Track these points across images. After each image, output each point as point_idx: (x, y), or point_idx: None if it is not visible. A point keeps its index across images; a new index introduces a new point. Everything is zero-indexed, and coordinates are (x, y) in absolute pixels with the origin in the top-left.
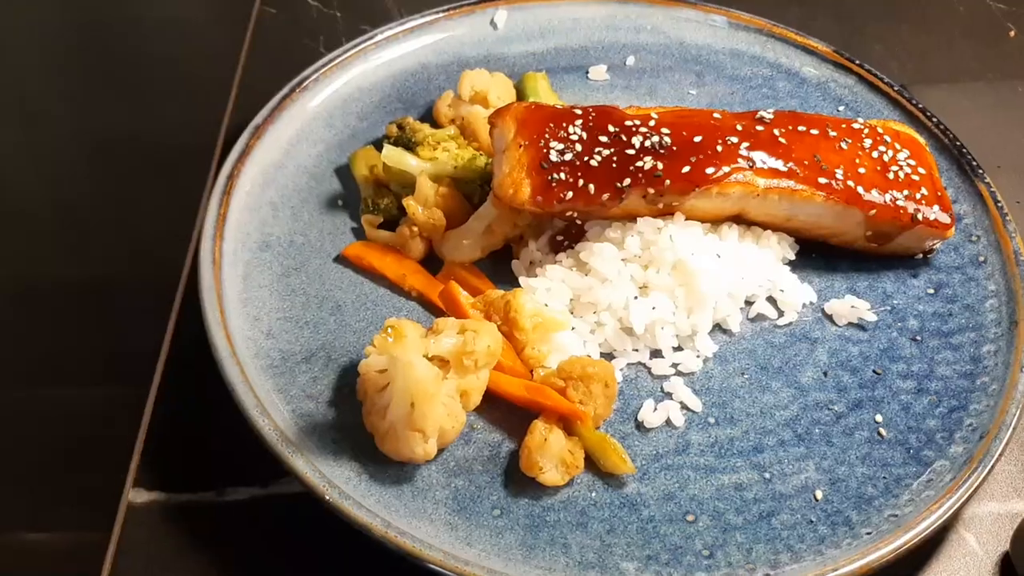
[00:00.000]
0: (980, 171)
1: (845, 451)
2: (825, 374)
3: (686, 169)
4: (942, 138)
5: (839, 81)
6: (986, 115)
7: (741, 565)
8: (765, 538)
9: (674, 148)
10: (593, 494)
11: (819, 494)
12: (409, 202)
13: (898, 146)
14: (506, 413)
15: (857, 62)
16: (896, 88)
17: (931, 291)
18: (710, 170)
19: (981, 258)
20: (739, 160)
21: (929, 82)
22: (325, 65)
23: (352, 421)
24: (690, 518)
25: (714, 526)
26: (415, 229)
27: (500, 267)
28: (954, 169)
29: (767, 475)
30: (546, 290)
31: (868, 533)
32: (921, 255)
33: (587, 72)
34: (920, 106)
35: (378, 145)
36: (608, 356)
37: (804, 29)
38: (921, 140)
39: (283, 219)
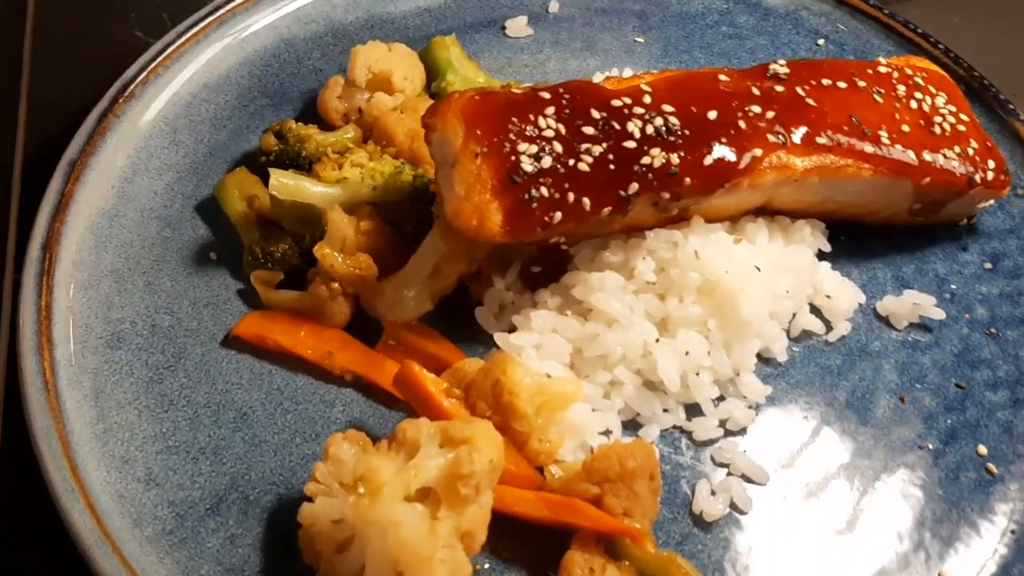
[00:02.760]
0: (1010, 106)
1: (958, 504)
2: (902, 399)
3: (709, 160)
4: (954, 67)
5: (812, 8)
6: (986, 30)
7: None
8: None
9: (686, 132)
10: None
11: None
12: (324, 251)
13: (933, 89)
14: (520, 536)
15: None
16: (887, 11)
17: (988, 266)
18: (738, 157)
19: None
20: (768, 137)
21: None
22: (154, 59)
23: None
24: None
25: None
26: (335, 286)
27: (456, 317)
28: (978, 104)
29: (881, 564)
30: (535, 348)
31: None
32: (965, 221)
33: (503, 28)
34: (920, 31)
35: (252, 164)
36: (633, 425)
37: None
38: (947, 76)
39: (134, 293)
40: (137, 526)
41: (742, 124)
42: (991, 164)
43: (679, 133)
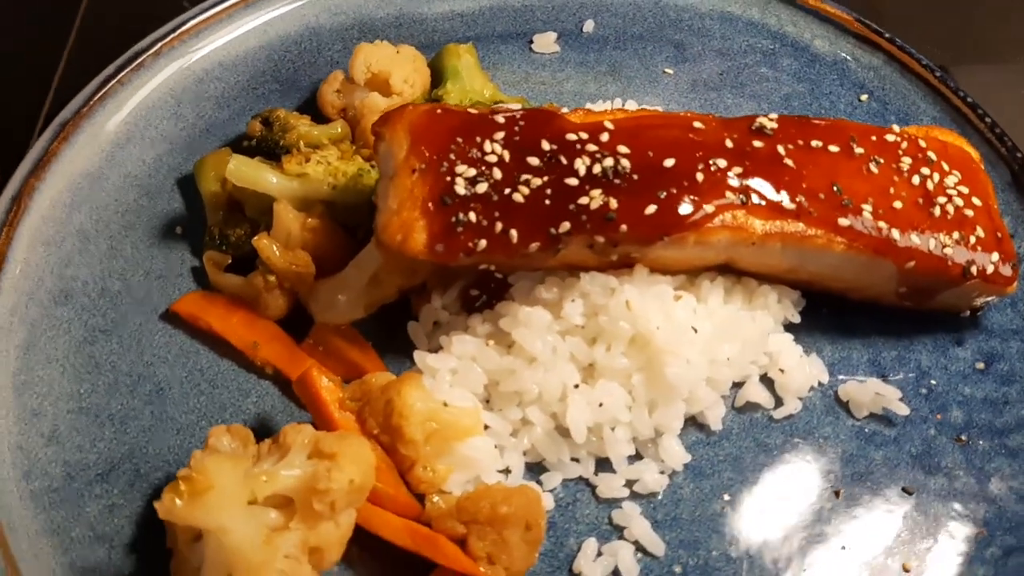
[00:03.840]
0: None
1: None
2: (837, 494)
3: (650, 209)
4: (997, 145)
5: (862, 60)
6: None
7: None
8: None
9: (634, 176)
10: None
11: None
12: (263, 241)
13: (946, 166)
14: (387, 558)
15: (887, 36)
16: (938, 74)
17: (981, 366)
18: (685, 210)
19: None
20: (727, 194)
21: (975, 61)
22: (172, 32)
23: None
24: None
25: None
26: (272, 279)
27: (395, 328)
28: (1011, 189)
29: None
30: (450, 372)
31: None
32: (968, 312)
33: (531, 42)
34: (969, 100)
35: (239, 147)
36: (538, 468)
37: None
38: (975, 154)
39: (95, 255)
40: (25, 479)
41: (699, 177)
42: (995, 257)
43: (626, 176)
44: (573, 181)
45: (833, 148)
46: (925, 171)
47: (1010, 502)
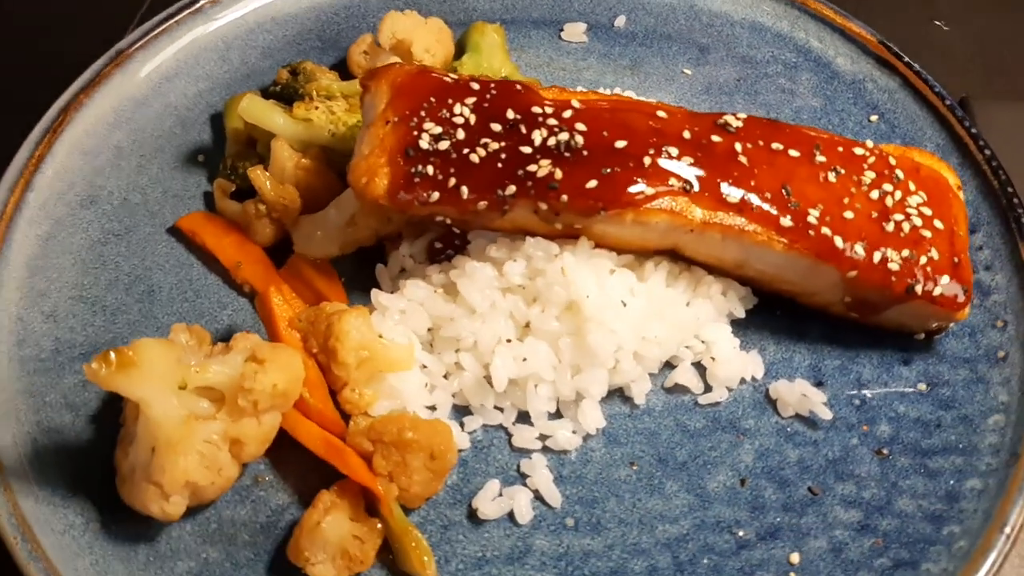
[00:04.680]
0: None
1: None
2: (743, 482)
3: (591, 183)
4: (991, 179)
5: (879, 82)
6: None
7: None
8: None
9: (584, 152)
10: None
11: None
12: (257, 172)
13: (912, 186)
14: (310, 467)
15: (906, 60)
16: (948, 102)
17: (923, 387)
18: (625, 188)
19: (1001, 353)
20: (671, 180)
21: (1001, 96)
22: None
23: (112, 450)
24: None
25: None
26: (262, 208)
27: (368, 270)
28: (998, 224)
29: None
30: (399, 311)
31: None
32: (923, 335)
33: (561, 30)
34: (973, 131)
35: (267, 92)
36: (465, 411)
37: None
38: (952, 180)
39: (125, 170)
40: (18, 345)
41: (647, 160)
42: (945, 280)
43: (576, 151)
44: (527, 149)
45: (793, 153)
46: (887, 187)
47: (915, 520)
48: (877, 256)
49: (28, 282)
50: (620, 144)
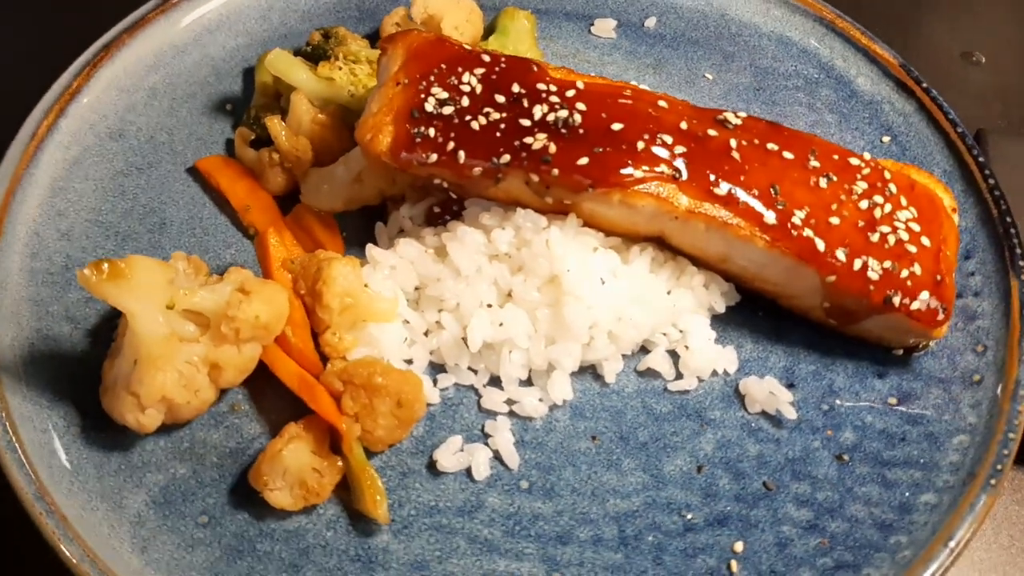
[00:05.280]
0: (1021, 263)
1: None
2: (699, 469)
3: (583, 161)
4: (991, 207)
5: (896, 104)
6: None
7: None
8: None
9: (580, 131)
10: (329, 534)
11: None
12: (273, 121)
13: (904, 201)
14: (285, 403)
15: (924, 85)
16: (960, 129)
17: (893, 401)
18: (614, 168)
19: (977, 377)
20: (661, 166)
21: (1019, 132)
22: None
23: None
24: None
25: None
26: (275, 156)
27: (370, 228)
28: (991, 252)
29: None
30: (390, 267)
31: None
32: (901, 351)
33: (591, 24)
34: (980, 160)
35: (299, 52)
36: (439, 369)
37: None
38: (947, 202)
39: (156, 110)
40: (31, 257)
41: (640, 145)
42: (924, 295)
43: (573, 129)
44: (526, 122)
45: (788, 155)
46: (878, 199)
47: (864, 526)
48: (858, 263)
49: (50, 201)
50: (616, 127)
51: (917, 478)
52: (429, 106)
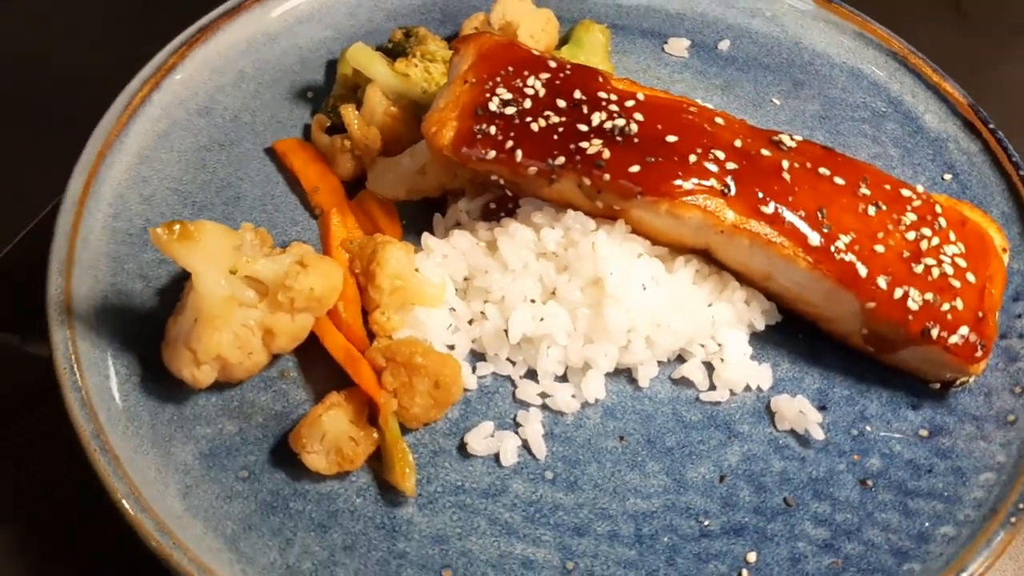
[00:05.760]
0: None
1: None
2: (722, 478)
3: (634, 168)
4: None
5: (961, 143)
6: None
7: None
8: None
9: (635, 140)
10: (358, 500)
11: None
12: (348, 109)
13: (953, 236)
14: (331, 374)
15: (991, 126)
16: (1023, 172)
17: (924, 433)
18: (665, 178)
19: (1012, 418)
20: (710, 180)
21: None
22: None
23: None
24: (446, 574)
25: None
26: (347, 143)
27: (428, 218)
28: None
29: (569, 566)
30: (443, 256)
31: None
32: (938, 385)
33: (665, 42)
34: None
35: (380, 48)
36: (479, 357)
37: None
38: (998, 241)
39: (242, 92)
40: (114, 218)
41: (692, 158)
42: (963, 330)
43: (628, 138)
44: (584, 128)
45: (839, 180)
46: (926, 231)
47: (880, 551)
48: (899, 292)
49: (135, 168)
50: (671, 139)
51: (939, 510)
52: (493, 105)
